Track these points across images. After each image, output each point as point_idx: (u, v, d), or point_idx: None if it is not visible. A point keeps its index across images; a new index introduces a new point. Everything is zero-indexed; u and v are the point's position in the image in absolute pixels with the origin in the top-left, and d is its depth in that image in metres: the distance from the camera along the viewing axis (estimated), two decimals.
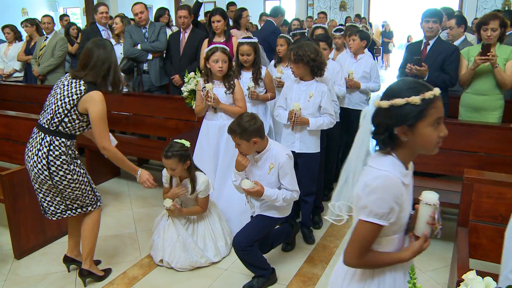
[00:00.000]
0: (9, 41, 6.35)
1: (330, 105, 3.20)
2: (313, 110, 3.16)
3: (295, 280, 2.92)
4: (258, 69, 3.64)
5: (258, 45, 3.64)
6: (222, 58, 3.28)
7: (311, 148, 3.27)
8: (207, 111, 3.49)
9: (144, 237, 3.47)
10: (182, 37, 4.90)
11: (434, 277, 2.94)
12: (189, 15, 4.82)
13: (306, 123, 3.15)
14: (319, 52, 3.10)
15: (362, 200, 1.41)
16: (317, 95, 3.14)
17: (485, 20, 3.51)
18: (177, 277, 2.96)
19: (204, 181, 2.99)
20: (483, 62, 3.42)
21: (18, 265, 3.11)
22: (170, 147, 2.86)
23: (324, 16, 9.40)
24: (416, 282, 1.23)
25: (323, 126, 3.19)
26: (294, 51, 3.07)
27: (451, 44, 3.89)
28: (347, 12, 13.66)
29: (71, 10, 15.22)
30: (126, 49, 4.88)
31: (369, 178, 1.41)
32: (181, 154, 2.84)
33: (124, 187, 4.59)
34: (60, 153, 2.56)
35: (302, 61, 3.05)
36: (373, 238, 1.44)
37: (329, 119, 3.19)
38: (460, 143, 3.40)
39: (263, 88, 3.74)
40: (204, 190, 3.00)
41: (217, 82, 3.38)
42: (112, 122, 4.80)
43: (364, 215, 1.41)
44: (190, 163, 2.95)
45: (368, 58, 4.28)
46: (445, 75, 3.64)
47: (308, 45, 3.08)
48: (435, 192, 1.52)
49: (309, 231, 3.45)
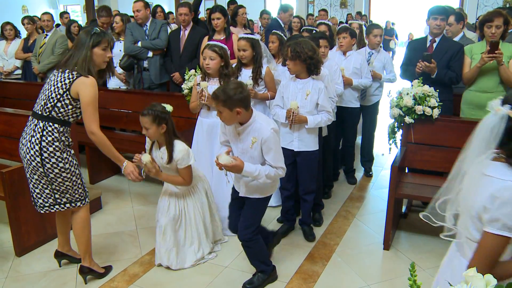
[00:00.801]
0: (9, 38, 6.36)
1: (328, 102, 3.18)
2: (310, 108, 3.14)
3: (296, 278, 2.93)
4: (258, 67, 3.58)
5: (258, 41, 3.58)
6: (209, 55, 3.26)
7: (309, 146, 3.25)
8: (201, 108, 3.49)
9: (145, 235, 3.47)
10: (182, 34, 4.89)
11: (435, 274, 2.93)
12: (190, 12, 4.80)
13: (304, 122, 3.13)
14: (316, 50, 3.07)
15: (492, 213, 1.37)
16: (314, 92, 3.12)
17: (489, 17, 3.48)
18: (177, 275, 2.97)
19: (181, 150, 2.80)
20: (490, 59, 3.40)
21: (19, 262, 3.12)
22: (150, 106, 2.76)
23: (325, 13, 9.40)
24: (417, 280, 1.23)
25: (321, 124, 3.19)
26: (292, 48, 3.03)
27: (457, 42, 3.86)
28: (348, 9, 13.65)
29: (71, 7, 15.20)
30: (127, 46, 4.87)
31: (495, 189, 1.37)
32: (157, 115, 2.71)
33: (124, 184, 4.59)
34: (53, 139, 2.57)
35: (299, 58, 3.01)
36: (503, 251, 1.40)
37: (327, 116, 3.18)
38: (461, 141, 3.37)
39: (263, 87, 3.68)
40: (182, 159, 2.80)
41: (214, 80, 3.34)
42: (112, 120, 4.83)
43: (495, 229, 1.37)
44: (168, 129, 2.78)
45: (357, 55, 4.28)
46: (451, 73, 3.63)
47: (306, 42, 3.06)
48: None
49: (309, 229, 3.45)
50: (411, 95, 3.37)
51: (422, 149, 3.51)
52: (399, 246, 3.33)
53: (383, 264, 3.13)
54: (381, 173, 4.90)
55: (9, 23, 6.43)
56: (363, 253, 3.25)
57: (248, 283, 2.81)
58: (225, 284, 2.87)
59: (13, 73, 6.27)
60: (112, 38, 2.73)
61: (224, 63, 3.32)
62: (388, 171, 3.28)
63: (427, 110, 3.34)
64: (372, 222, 3.71)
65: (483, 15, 3.70)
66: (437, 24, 3.69)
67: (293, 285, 2.84)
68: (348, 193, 4.34)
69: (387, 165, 4.99)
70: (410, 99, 3.36)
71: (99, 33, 2.63)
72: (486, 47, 3.55)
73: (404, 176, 3.53)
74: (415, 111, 3.37)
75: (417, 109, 3.35)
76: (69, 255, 3.02)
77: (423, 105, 3.35)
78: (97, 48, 2.61)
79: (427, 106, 3.35)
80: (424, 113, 3.36)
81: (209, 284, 2.86)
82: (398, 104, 3.44)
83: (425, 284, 1.24)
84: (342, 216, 3.83)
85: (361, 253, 3.24)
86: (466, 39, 4.28)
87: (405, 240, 3.42)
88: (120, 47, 5.03)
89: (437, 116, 3.37)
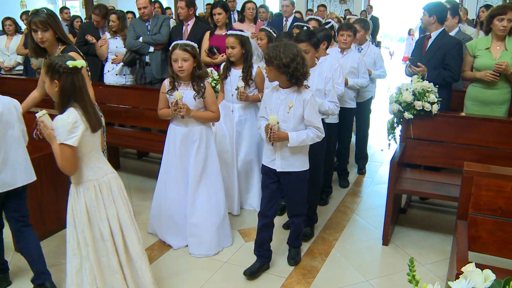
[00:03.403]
0: (10, 33, 6.34)
1: (316, 116, 2.67)
2: (294, 123, 2.65)
3: (295, 273, 2.93)
4: (248, 67, 3.40)
5: (248, 39, 3.39)
6: (181, 56, 2.87)
7: (294, 166, 2.75)
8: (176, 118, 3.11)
9: (144, 230, 3.47)
10: (185, 29, 4.88)
11: (434, 269, 2.95)
12: (186, 7, 4.79)
13: (285, 139, 2.63)
14: (298, 58, 2.52)
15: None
16: (298, 104, 2.63)
17: (502, 10, 3.43)
18: (177, 270, 2.97)
19: (63, 120, 2.13)
20: (494, 78, 3.43)
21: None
22: (57, 56, 2.25)
23: (324, 9, 9.33)
24: (416, 275, 1.23)
25: (306, 141, 2.67)
26: (266, 51, 2.62)
27: (454, 38, 3.78)
28: (347, 5, 13.60)
29: (70, 2, 15.12)
30: (128, 41, 4.88)
31: None
32: (51, 66, 2.15)
33: (124, 180, 4.52)
34: None
35: (272, 64, 2.55)
36: None
37: (314, 132, 2.67)
38: (460, 136, 3.40)
39: (253, 88, 3.52)
40: (57, 131, 2.14)
41: (185, 84, 2.99)
42: (111, 115, 4.82)
43: None
44: (63, 88, 2.16)
45: (355, 53, 4.12)
46: (445, 72, 3.58)
47: (288, 46, 2.54)
48: None
49: (295, 253, 3.04)
50: (411, 91, 3.37)
51: (421, 144, 3.51)
52: (398, 241, 3.33)
53: (382, 260, 3.13)
54: (380, 169, 4.90)
55: (9, 18, 6.40)
56: (362, 248, 3.25)
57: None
58: (224, 279, 2.87)
59: (14, 68, 6.27)
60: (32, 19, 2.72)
61: (197, 63, 2.95)
62: (387, 166, 3.28)
63: (426, 106, 3.34)
64: (371, 218, 3.72)
65: (492, 9, 3.65)
66: (425, 19, 3.69)
67: (292, 281, 2.85)
68: (347, 188, 4.34)
69: (386, 160, 4.99)
70: (410, 95, 3.35)
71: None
72: (492, 41, 3.53)
73: (403, 171, 3.54)
74: (414, 106, 3.37)
75: (417, 104, 3.35)
76: None
77: (423, 100, 3.35)
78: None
79: (426, 101, 3.35)
80: (423, 109, 3.36)
81: (208, 280, 2.86)
82: (398, 100, 3.43)
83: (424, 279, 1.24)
84: (341, 212, 3.84)
85: (360, 249, 3.24)
86: (462, 34, 4.24)
87: (404, 235, 3.43)
88: (116, 44, 5.03)
89: (437, 111, 3.37)
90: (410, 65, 3.66)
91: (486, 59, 3.52)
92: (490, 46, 3.53)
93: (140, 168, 4.94)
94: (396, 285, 2.80)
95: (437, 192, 3.21)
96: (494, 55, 3.51)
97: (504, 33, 3.46)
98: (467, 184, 2.38)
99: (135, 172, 4.82)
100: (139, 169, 4.90)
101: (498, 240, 2.36)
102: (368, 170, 4.86)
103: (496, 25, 3.46)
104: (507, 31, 3.46)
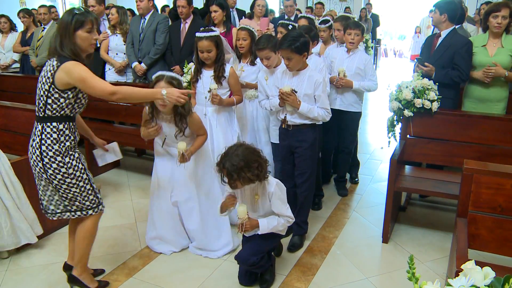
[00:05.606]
0: (4, 31, 6.32)
1: (283, 206, 2.61)
2: (264, 212, 2.65)
3: (294, 270, 2.94)
4: (220, 66, 3.22)
5: (220, 38, 3.22)
6: None
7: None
8: (158, 146, 3.04)
9: (144, 228, 3.47)
10: (183, 27, 4.87)
11: (433, 267, 2.95)
12: (188, 5, 4.78)
13: (256, 227, 2.58)
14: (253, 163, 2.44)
15: None
16: (264, 198, 2.60)
17: (497, 8, 3.43)
18: (176, 267, 2.97)
19: None
20: (490, 79, 3.45)
21: (19, 255, 3.12)
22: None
23: (321, 6, 9.25)
24: (415, 272, 1.24)
25: (278, 228, 2.64)
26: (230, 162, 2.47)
27: (464, 37, 3.68)
28: (347, 2, 13.57)
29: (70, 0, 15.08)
30: (129, 53, 4.99)
31: None
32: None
33: (123, 177, 4.59)
34: (52, 141, 2.37)
35: (238, 179, 2.41)
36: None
37: (285, 219, 2.64)
38: (460, 134, 3.40)
39: (227, 89, 3.32)
40: None
41: (167, 118, 2.82)
42: (111, 113, 4.82)
43: None
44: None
45: (362, 53, 3.85)
46: (454, 72, 3.52)
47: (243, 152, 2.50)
48: None
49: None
50: (410, 88, 3.37)
51: (421, 142, 3.51)
52: (398, 239, 3.34)
53: (382, 257, 3.14)
54: (380, 167, 4.90)
55: (3, 16, 6.37)
56: (362, 246, 3.25)
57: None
58: (224, 277, 2.88)
59: (10, 66, 6.25)
60: (96, 17, 2.43)
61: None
62: (387, 164, 3.28)
63: (426, 103, 3.34)
64: (371, 215, 3.72)
65: (488, 6, 3.65)
66: (431, 17, 3.68)
67: (292, 278, 2.85)
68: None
69: (386, 158, 4.99)
70: (410, 92, 3.35)
71: (82, 13, 2.30)
72: (488, 39, 3.53)
73: (403, 169, 3.54)
74: (414, 104, 3.37)
75: (416, 102, 3.35)
76: (80, 280, 2.66)
77: (422, 98, 3.35)
78: (80, 30, 2.31)
79: (426, 99, 3.34)
80: (423, 106, 3.36)
81: (208, 277, 2.87)
82: (398, 97, 3.43)
83: (423, 277, 1.24)
84: (341, 209, 3.84)
85: (360, 246, 3.25)
86: (464, 32, 4.24)
87: (404, 233, 3.43)
88: (116, 41, 5.02)
89: (436, 109, 3.37)
90: (418, 64, 3.64)
91: (482, 56, 3.52)
92: (487, 44, 3.53)
93: (140, 166, 4.94)
94: (396, 283, 2.80)
95: (437, 190, 3.21)
96: (490, 52, 3.51)
97: (499, 30, 3.45)
98: (466, 182, 2.38)
99: (134, 169, 4.83)
100: (139, 167, 4.91)
101: (498, 238, 2.37)
102: (368, 168, 4.86)
103: (491, 22, 3.47)
104: (503, 28, 3.46)
